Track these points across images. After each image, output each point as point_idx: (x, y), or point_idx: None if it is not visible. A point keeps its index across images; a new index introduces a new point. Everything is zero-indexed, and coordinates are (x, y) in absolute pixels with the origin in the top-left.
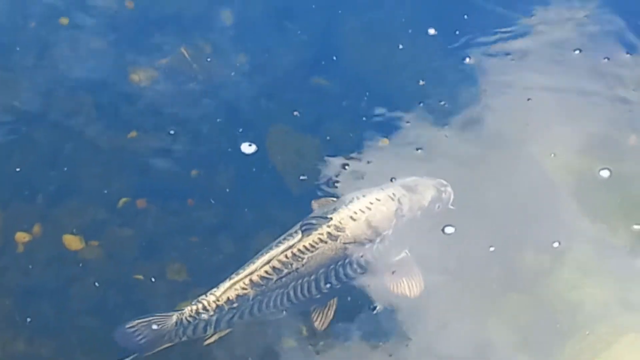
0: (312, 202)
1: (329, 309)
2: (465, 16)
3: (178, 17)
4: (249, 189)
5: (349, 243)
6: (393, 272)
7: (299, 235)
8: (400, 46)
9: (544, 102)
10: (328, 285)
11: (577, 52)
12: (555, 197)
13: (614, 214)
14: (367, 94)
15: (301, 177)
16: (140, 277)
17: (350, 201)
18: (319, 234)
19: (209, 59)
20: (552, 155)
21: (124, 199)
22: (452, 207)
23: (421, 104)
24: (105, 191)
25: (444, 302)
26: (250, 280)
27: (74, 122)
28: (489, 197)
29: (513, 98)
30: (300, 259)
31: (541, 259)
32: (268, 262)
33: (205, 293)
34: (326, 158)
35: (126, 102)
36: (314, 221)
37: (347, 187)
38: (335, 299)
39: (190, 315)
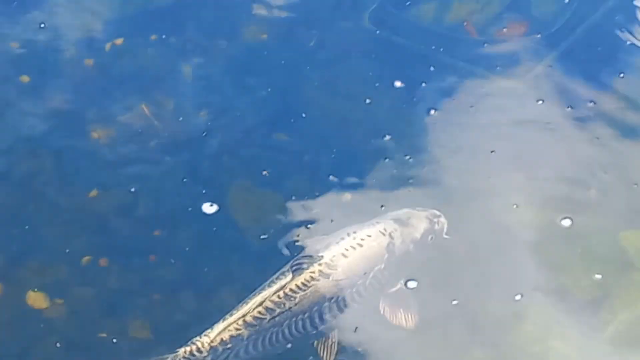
0: (308, 240)
1: (332, 343)
2: (432, 68)
3: (138, 74)
4: (211, 247)
5: (341, 280)
6: (387, 302)
7: (290, 276)
8: (368, 100)
9: (506, 154)
10: (322, 322)
11: (540, 102)
12: (517, 249)
13: (575, 265)
14: (331, 149)
15: (262, 237)
16: (104, 334)
17: (342, 238)
18: (311, 272)
19: (170, 116)
20: (514, 206)
21: (86, 257)
22: (446, 236)
23: (387, 160)
24: (68, 250)
25: (408, 356)
26: (244, 321)
27: (35, 181)
28: (452, 251)
29: (477, 151)
30: (292, 299)
31: (504, 312)
32: (261, 303)
33: (198, 335)
34: (288, 215)
35: (87, 160)
36: (304, 260)
37: (310, 245)
38: (336, 332)
39: (184, 357)
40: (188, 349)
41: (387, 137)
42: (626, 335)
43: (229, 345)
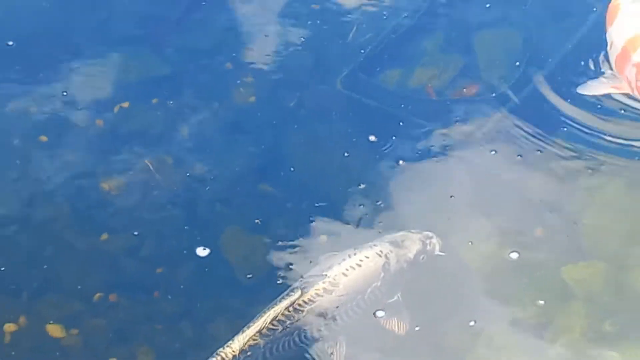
0: (320, 256)
1: (339, 347)
2: (401, 123)
3: (143, 133)
4: (206, 283)
5: (342, 296)
6: (385, 313)
7: (299, 292)
8: (346, 154)
9: (464, 199)
10: (327, 330)
11: (493, 152)
12: (472, 279)
13: (522, 294)
14: (312, 198)
15: (248, 276)
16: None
17: (343, 259)
18: (316, 289)
19: (169, 169)
20: (470, 243)
21: (98, 294)
22: (441, 253)
23: (361, 206)
24: (81, 287)
25: None
26: (260, 332)
27: (52, 226)
28: (418, 281)
29: (438, 196)
30: (301, 312)
31: (461, 337)
32: (274, 317)
33: (222, 346)
34: (273, 256)
35: (98, 208)
36: (310, 279)
37: (291, 279)
38: (342, 337)
39: None
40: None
41: (362, 186)
42: (567, 355)
43: (248, 353)
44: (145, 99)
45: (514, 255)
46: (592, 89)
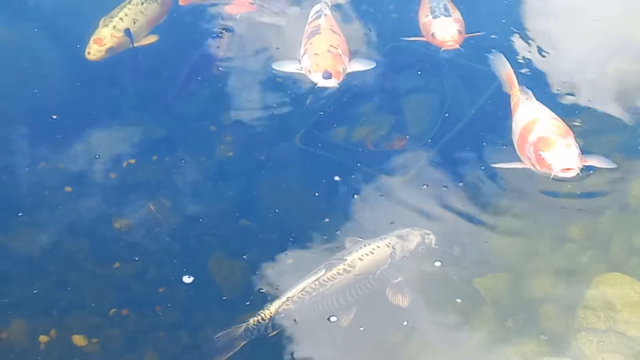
0: (346, 240)
1: (350, 313)
2: (359, 164)
3: (146, 183)
4: (198, 299)
5: (358, 275)
6: (391, 290)
7: (324, 271)
8: (317, 194)
9: (401, 220)
10: (345, 301)
11: (425, 186)
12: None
13: (444, 299)
14: (281, 229)
15: (231, 293)
16: None
17: (360, 247)
18: (337, 269)
19: (168, 211)
20: (404, 258)
21: (113, 309)
22: (435, 247)
23: (325, 237)
24: (99, 304)
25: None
26: (291, 299)
27: (76, 257)
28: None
29: (380, 221)
30: (325, 285)
31: (397, 335)
32: (303, 288)
33: (260, 309)
34: (251, 276)
35: (112, 242)
36: (334, 261)
37: (265, 294)
38: (355, 307)
39: (254, 324)
40: (256, 318)
41: (326, 220)
42: (480, 347)
43: (282, 315)
44: (148, 156)
45: (437, 264)
46: (502, 164)
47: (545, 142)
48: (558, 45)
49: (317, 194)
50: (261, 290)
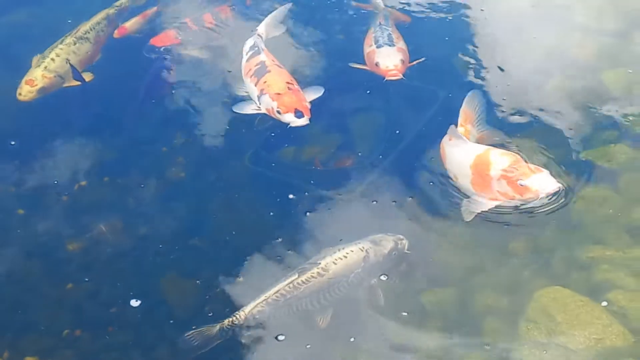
0: (322, 250)
1: (327, 315)
2: (308, 182)
3: (97, 204)
4: (150, 318)
5: (331, 279)
6: (364, 292)
7: (296, 275)
8: (271, 213)
9: (349, 237)
10: (318, 304)
11: (374, 202)
12: (350, 304)
13: (391, 315)
14: (231, 248)
15: (181, 311)
16: None
17: (334, 252)
18: (311, 273)
19: (119, 232)
20: (354, 273)
21: (66, 330)
22: (407, 252)
23: (277, 255)
24: (52, 325)
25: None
26: (266, 301)
27: (29, 280)
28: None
29: (330, 240)
30: (299, 289)
31: (343, 350)
32: (277, 291)
33: (237, 310)
34: (201, 294)
35: (64, 263)
36: (307, 266)
37: (214, 317)
38: (331, 309)
39: (228, 325)
40: (229, 320)
41: (278, 239)
42: (429, 353)
43: (257, 317)
44: (99, 178)
45: (384, 280)
46: (472, 210)
47: (518, 172)
48: (500, 63)
49: (270, 213)
50: (213, 310)
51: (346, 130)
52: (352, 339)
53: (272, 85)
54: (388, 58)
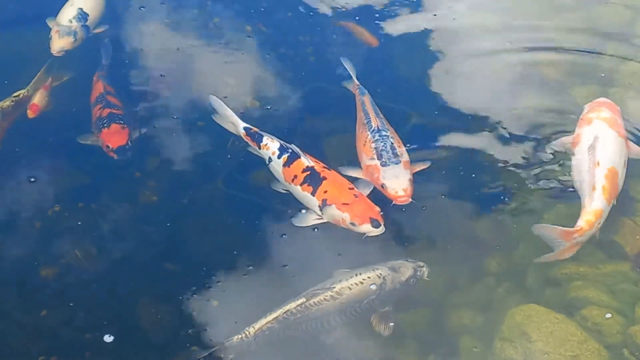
0: (334, 271)
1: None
2: (282, 206)
3: (71, 230)
4: (126, 343)
5: (344, 304)
6: (376, 318)
7: (303, 299)
8: (245, 236)
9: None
10: (328, 325)
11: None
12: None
13: (366, 335)
14: (205, 271)
15: (151, 341)
16: None
17: (351, 277)
18: (324, 296)
19: (94, 257)
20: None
21: (41, 357)
22: (427, 279)
23: (250, 278)
24: (27, 352)
25: None
26: (276, 319)
27: (3, 307)
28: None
29: (305, 264)
30: (310, 309)
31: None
32: (287, 310)
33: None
34: (177, 318)
35: (39, 290)
36: (319, 290)
37: (189, 340)
38: (339, 331)
39: (237, 340)
40: (239, 336)
41: (251, 263)
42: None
43: (266, 332)
44: (73, 203)
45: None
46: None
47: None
48: (469, 84)
49: (244, 236)
50: (188, 333)
51: (320, 153)
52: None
53: (336, 195)
54: (396, 181)
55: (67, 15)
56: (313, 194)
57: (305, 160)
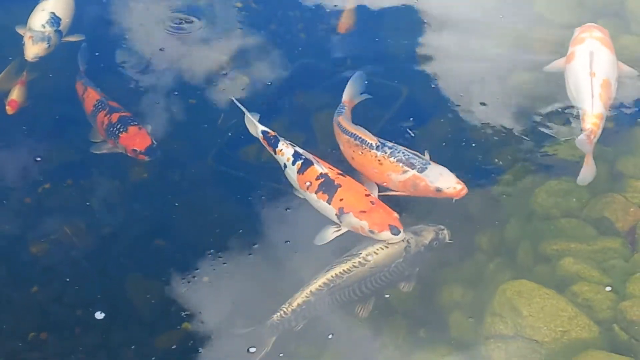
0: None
1: (368, 304)
2: (270, 181)
3: (61, 207)
4: (116, 318)
5: (372, 268)
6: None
7: (339, 265)
8: (236, 212)
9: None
10: (360, 292)
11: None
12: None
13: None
14: (196, 248)
15: (141, 318)
16: None
17: (377, 242)
18: (353, 263)
19: (83, 234)
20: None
21: (32, 333)
22: (450, 241)
23: (240, 254)
24: (17, 329)
25: None
26: (311, 292)
27: None
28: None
29: (293, 239)
30: (341, 278)
31: (310, 349)
32: (321, 281)
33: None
34: (166, 294)
35: (29, 267)
36: (348, 257)
37: (179, 317)
38: (373, 298)
39: (277, 320)
40: (278, 314)
41: (241, 236)
42: (395, 357)
43: (303, 307)
44: (62, 180)
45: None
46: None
47: None
48: (461, 61)
49: (235, 212)
50: (178, 310)
51: (309, 128)
52: (330, 336)
53: (352, 203)
54: (446, 178)
55: (39, 20)
56: (329, 202)
57: (319, 167)
